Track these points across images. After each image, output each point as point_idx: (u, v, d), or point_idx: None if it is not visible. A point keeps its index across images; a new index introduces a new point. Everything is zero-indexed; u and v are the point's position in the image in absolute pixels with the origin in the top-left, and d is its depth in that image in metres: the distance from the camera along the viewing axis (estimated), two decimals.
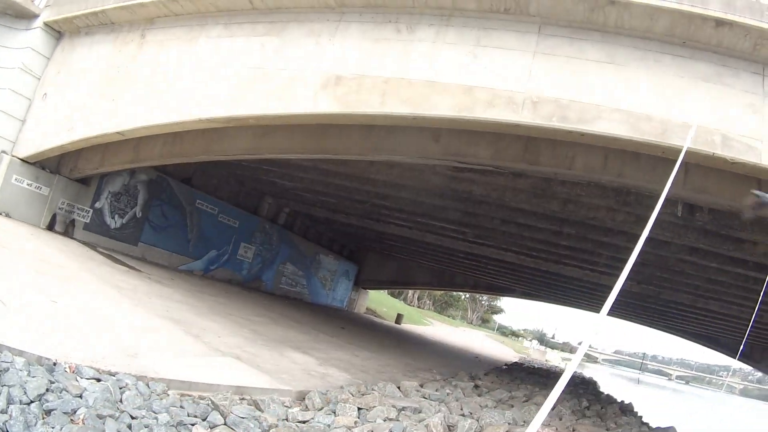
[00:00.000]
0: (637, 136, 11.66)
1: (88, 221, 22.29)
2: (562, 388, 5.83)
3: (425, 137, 14.38)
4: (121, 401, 7.93)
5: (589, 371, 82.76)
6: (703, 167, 12.01)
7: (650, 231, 17.14)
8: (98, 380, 8.17)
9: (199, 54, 16.15)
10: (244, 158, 18.80)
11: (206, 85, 15.64)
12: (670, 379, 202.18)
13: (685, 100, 11.67)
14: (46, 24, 19.50)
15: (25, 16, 19.69)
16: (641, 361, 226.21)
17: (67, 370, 8.11)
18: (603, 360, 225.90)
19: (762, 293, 13.52)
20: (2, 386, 6.99)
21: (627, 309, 40.94)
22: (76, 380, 7.95)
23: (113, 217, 23.66)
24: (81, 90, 18.37)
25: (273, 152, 16.82)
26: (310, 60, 14.30)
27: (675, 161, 11.59)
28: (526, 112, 12.24)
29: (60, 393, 7.41)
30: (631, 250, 20.86)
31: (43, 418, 6.83)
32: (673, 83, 11.91)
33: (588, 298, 40.61)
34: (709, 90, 11.69)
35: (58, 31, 19.84)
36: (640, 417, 24.42)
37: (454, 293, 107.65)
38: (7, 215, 18.80)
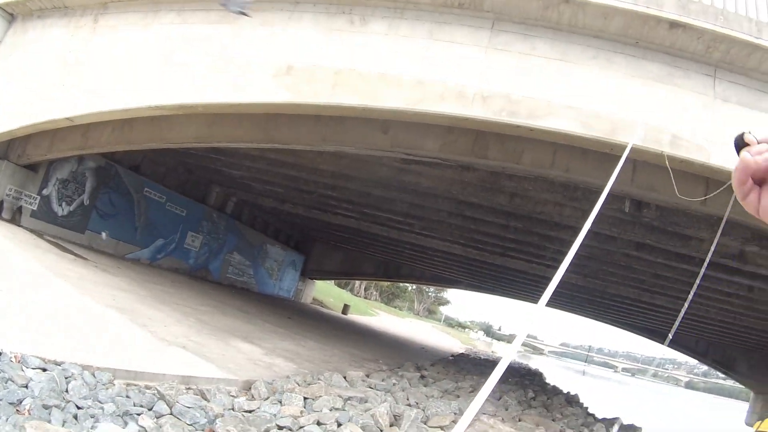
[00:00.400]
0: (587, 133, 11.87)
1: (35, 208, 21.94)
2: (499, 376, 5.92)
3: (374, 129, 14.46)
4: (67, 391, 7.89)
5: (536, 363, 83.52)
6: (652, 165, 12.23)
7: (597, 226, 17.41)
8: (44, 370, 8.12)
9: (151, 41, 16.02)
10: (194, 146, 18.71)
11: (158, 72, 15.53)
12: (615, 371, 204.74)
13: (636, 99, 11.89)
14: None
15: None
16: (587, 353, 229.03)
17: (13, 359, 8.04)
18: (549, 352, 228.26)
19: (696, 285, 13.74)
20: None
21: (573, 302, 41.42)
22: (22, 370, 7.89)
23: (61, 205, 23.32)
24: (31, 74, 18.10)
25: (222, 141, 16.81)
26: (263, 49, 14.29)
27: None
28: (477, 107, 12.38)
29: (5, 383, 7.35)
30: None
31: None
32: (624, 82, 12.13)
33: (534, 290, 40.95)
34: (661, 90, 11.93)
35: (10, 14, 19.46)
36: (586, 408, 24.82)
37: (401, 284, 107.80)
38: None
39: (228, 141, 16.77)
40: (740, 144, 1.48)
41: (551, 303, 49.67)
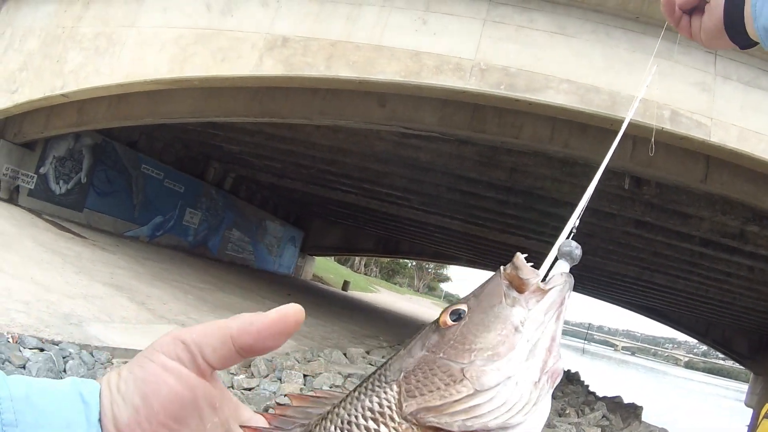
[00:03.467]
0: (586, 108, 11.75)
1: (32, 187, 21.83)
2: None
3: (371, 102, 14.34)
4: (64, 371, 7.85)
5: None
6: (650, 141, 12.12)
7: (596, 203, 17.31)
8: (41, 350, 8.07)
9: (145, 14, 15.86)
10: (190, 121, 18.57)
11: (152, 46, 15.41)
12: (616, 350, 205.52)
13: (636, 74, 11.74)
14: None
15: None
16: (586, 331, 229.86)
17: (10, 340, 7.99)
18: None
19: None
20: None
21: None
22: (19, 350, 7.84)
23: (58, 183, 23.22)
24: (25, 51, 17.98)
25: (218, 115, 16.71)
26: (257, 21, 14.15)
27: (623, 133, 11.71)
28: (474, 80, 12.26)
29: (2, 364, 7.30)
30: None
31: None
32: (624, 57, 12.00)
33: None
34: (661, 66, 11.77)
35: None
36: (587, 386, 24.79)
37: (401, 261, 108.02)
38: None
39: (224, 115, 16.65)
40: None
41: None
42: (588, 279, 38.42)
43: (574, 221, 0.93)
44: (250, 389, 10.07)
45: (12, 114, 18.65)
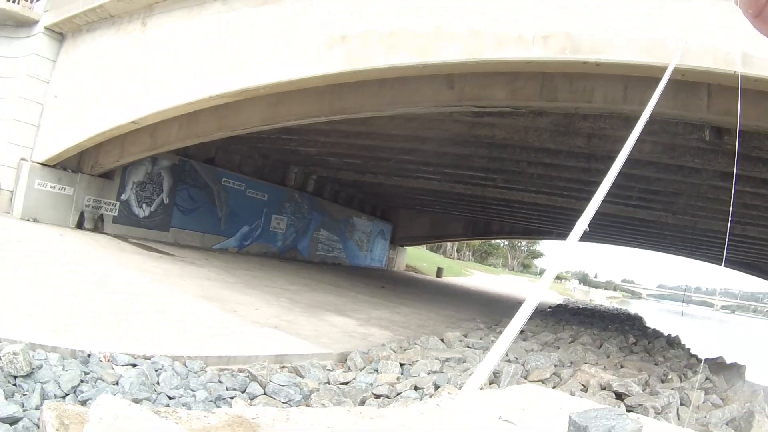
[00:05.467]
0: (654, 62, 11.37)
1: (116, 214, 22.48)
2: (528, 314, 5.75)
3: (439, 85, 14.20)
4: (158, 383, 7.91)
5: (634, 308, 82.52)
6: (727, 87, 11.62)
7: (680, 159, 16.84)
8: (134, 365, 8.15)
9: (200, 33, 16.12)
10: (262, 129, 18.66)
11: (210, 62, 15.61)
12: (714, 310, 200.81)
13: (702, 20, 11.33)
14: (47, 28, 19.78)
15: (26, 24, 19.96)
16: (684, 293, 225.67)
17: (102, 359, 8.08)
18: (647, 295, 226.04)
19: None
20: (36, 383, 6.99)
21: (666, 241, 40.52)
22: (112, 368, 7.93)
23: (141, 207, 23.80)
24: (90, 86, 18.45)
25: (289, 119, 16.76)
26: (314, 22, 14.15)
27: (696, 83, 11.34)
28: (537, 48, 12.02)
29: (95, 382, 7.41)
30: (662, 180, 20.36)
31: None
32: (689, 4, 11.58)
33: (626, 233, 40.26)
34: (728, 8, 11.33)
35: (59, 33, 20.03)
36: (688, 349, 24.25)
37: (492, 241, 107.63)
38: (35, 220, 19.02)
39: (294, 118, 16.71)
40: None
41: (641, 244, 48.82)
42: (680, 239, 37.62)
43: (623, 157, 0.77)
44: (346, 383, 10.02)
45: (85, 147, 19.22)
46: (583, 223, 6.78)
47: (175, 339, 9.93)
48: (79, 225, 20.75)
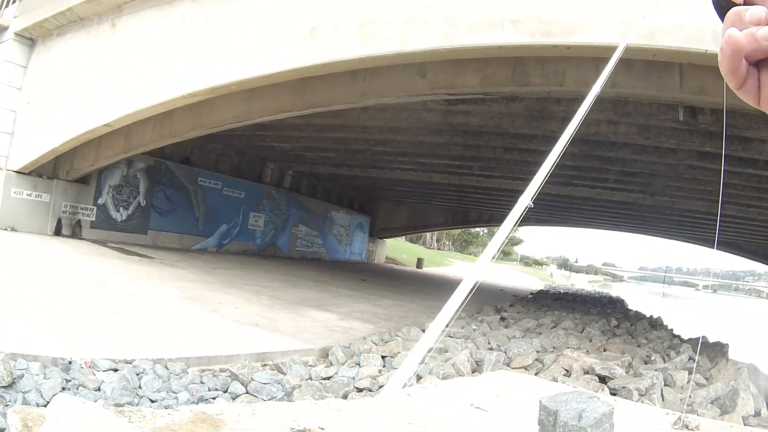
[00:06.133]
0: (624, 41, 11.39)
1: (93, 219, 22.40)
2: (465, 293, 5.79)
3: (411, 74, 14.20)
4: (140, 387, 7.89)
5: (616, 290, 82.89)
6: (699, 66, 11.67)
7: (655, 139, 16.89)
8: (115, 370, 8.12)
9: (170, 32, 16.03)
10: (236, 126, 18.58)
11: (182, 60, 15.54)
12: (697, 290, 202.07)
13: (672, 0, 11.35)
14: (17, 34, 19.62)
15: None
16: (665, 274, 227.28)
17: (84, 366, 8.04)
18: (629, 278, 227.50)
19: None
20: (18, 393, 6.96)
21: (645, 223, 40.68)
22: (93, 374, 7.89)
23: (118, 210, 23.71)
24: (62, 90, 18.33)
25: (262, 115, 16.72)
26: (284, 15, 14.09)
27: (668, 63, 11.37)
28: (508, 32, 12.02)
29: (77, 389, 7.38)
30: (638, 162, 20.41)
31: None
32: None
33: (605, 216, 40.35)
34: None
35: (30, 38, 19.90)
36: (671, 330, 24.38)
37: (472, 230, 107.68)
38: (13, 229, 18.93)
39: (267, 114, 16.66)
40: (724, 4, 1.15)
41: (621, 227, 48.97)
42: (659, 220, 37.78)
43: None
44: (328, 378, 10.02)
45: (60, 153, 19.09)
46: (525, 200, 6.79)
47: (155, 342, 9.89)
48: (57, 232, 20.66)
